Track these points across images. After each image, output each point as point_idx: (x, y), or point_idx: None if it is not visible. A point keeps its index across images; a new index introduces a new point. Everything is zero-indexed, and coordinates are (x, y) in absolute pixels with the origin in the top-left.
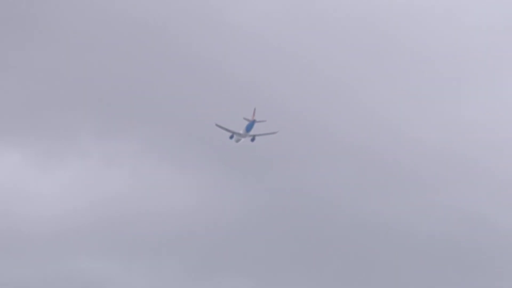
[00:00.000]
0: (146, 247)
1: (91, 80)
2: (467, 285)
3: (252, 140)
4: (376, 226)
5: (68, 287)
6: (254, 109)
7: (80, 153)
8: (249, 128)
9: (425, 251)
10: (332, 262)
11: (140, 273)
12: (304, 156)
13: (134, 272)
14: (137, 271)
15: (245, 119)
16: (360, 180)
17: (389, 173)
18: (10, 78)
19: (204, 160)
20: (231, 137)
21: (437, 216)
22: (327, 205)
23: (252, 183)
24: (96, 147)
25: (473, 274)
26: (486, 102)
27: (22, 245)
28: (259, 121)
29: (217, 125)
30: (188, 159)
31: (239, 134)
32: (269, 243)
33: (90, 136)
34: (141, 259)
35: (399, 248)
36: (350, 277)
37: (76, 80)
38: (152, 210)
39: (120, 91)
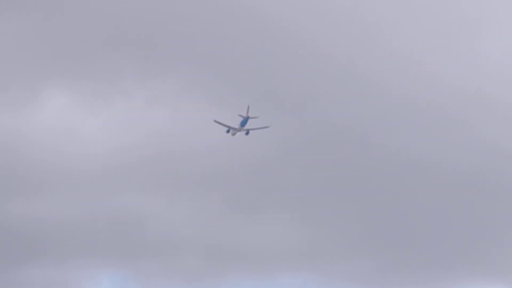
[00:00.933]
0: (188, 183)
1: (135, 21)
2: (496, 217)
3: (247, 133)
4: (405, 159)
5: (113, 223)
6: (248, 106)
7: (124, 94)
8: (243, 123)
9: (451, 184)
10: (363, 195)
11: (182, 208)
12: (336, 96)
13: (177, 207)
14: (179, 207)
15: (240, 115)
16: (388, 116)
17: (416, 110)
18: (56, 21)
19: (241, 98)
20: (228, 131)
21: (464, 150)
22: (358, 140)
23: (288, 119)
24: (139, 88)
25: (499, 207)
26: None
27: (70, 182)
28: (252, 117)
29: (215, 121)
30: (227, 98)
31: (234, 129)
32: (304, 177)
33: (134, 78)
34: (183, 195)
35: (427, 181)
36: (380, 209)
37: (120, 22)
38: (193, 147)
39: (163, 31)
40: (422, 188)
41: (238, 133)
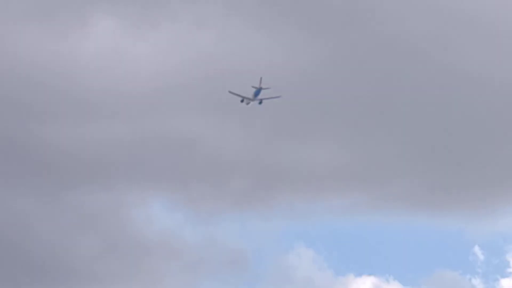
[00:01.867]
0: (235, 105)
1: None
2: None
3: (260, 103)
4: (460, 72)
5: (162, 146)
6: (260, 78)
7: (171, 17)
8: (256, 94)
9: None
10: (416, 112)
11: (230, 129)
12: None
13: (225, 128)
14: (227, 128)
15: (253, 87)
16: (441, 31)
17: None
18: None
19: (287, 19)
20: (242, 101)
21: None
22: (411, 55)
23: (336, 38)
24: (186, 11)
25: None
26: None
27: (120, 105)
28: (265, 88)
29: (230, 92)
30: (272, 19)
31: (248, 99)
32: (354, 93)
33: (180, 0)
34: (231, 116)
35: (483, 96)
36: (432, 126)
37: None
38: (239, 68)
39: None
40: (477, 103)
41: (252, 103)
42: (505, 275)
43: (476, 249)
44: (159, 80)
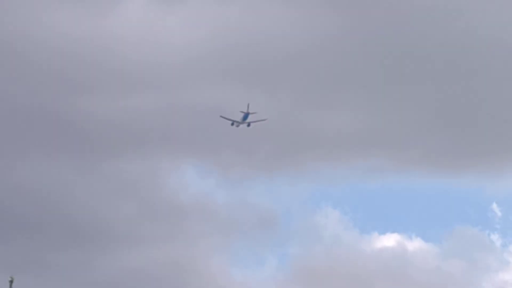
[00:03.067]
0: (262, 73)
1: None
2: None
3: (248, 125)
4: (477, 36)
5: (193, 112)
6: (248, 104)
7: None
8: (245, 117)
9: None
10: (434, 74)
11: (257, 96)
12: None
13: (253, 95)
14: (254, 95)
15: (241, 112)
16: None
17: None
18: None
19: None
20: (232, 124)
21: None
22: (430, 18)
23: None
24: None
25: None
26: None
27: (155, 74)
28: (252, 113)
29: (221, 116)
30: None
31: (238, 122)
32: (375, 58)
33: None
34: (258, 84)
35: (501, 60)
36: (451, 89)
37: None
38: (264, 38)
39: None
40: (496, 67)
41: (241, 125)
42: None
43: (494, 206)
44: (189, 50)
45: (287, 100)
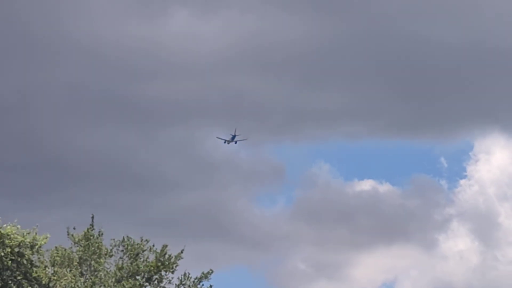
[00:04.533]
0: (274, 68)
1: None
2: None
3: (235, 143)
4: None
5: (221, 96)
6: (235, 129)
7: (225, 5)
8: (233, 138)
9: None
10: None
11: (269, 83)
12: None
13: (266, 82)
14: (268, 82)
15: (231, 134)
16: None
17: None
18: None
19: (311, 6)
20: (224, 142)
21: None
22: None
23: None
24: (235, 0)
25: None
26: None
27: (193, 69)
28: (238, 135)
29: (217, 137)
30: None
31: (228, 141)
32: (357, 62)
33: None
34: (270, 74)
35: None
36: (409, 75)
37: None
38: (273, 41)
39: None
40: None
41: (231, 143)
42: (462, 177)
43: (442, 159)
44: (218, 52)
45: (292, 84)
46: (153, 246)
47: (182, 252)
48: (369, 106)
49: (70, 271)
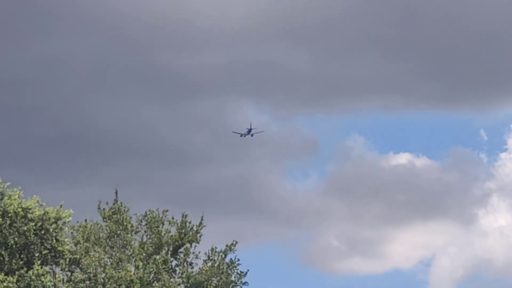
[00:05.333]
0: (306, 35)
1: None
2: None
3: (252, 135)
4: None
5: (252, 66)
6: (250, 123)
7: None
8: (249, 131)
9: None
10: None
11: (300, 52)
12: None
13: (297, 52)
14: (298, 51)
15: (247, 128)
16: None
17: None
18: None
19: None
20: (241, 136)
21: None
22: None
23: None
24: None
25: None
26: None
27: (222, 36)
28: (253, 128)
29: (233, 131)
30: None
31: (244, 134)
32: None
33: None
34: (301, 43)
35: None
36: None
37: None
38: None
39: None
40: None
41: (247, 136)
42: (503, 150)
43: (482, 131)
44: (247, 21)
45: (325, 54)
46: (173, 218)
47: (202, 219)
48: (405, 76)
49: (100, 247)
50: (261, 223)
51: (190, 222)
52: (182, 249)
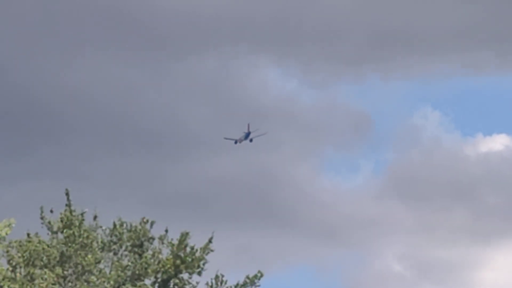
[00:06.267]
0: None
1: None
2: None
3: (251, 141)
4: None
5: (270, 13)
6: (248, 124)
7: None
8: (246, 136)
9: None
10: None
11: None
12: None
13: None
14: None
15: (243, 132)
16: None
17: None
18: None
19: None
20: (235, 142)
21: None
22: None
23: None
24: None
25: None
26: None
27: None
28: (253, 131)
29: (225, 138)
30: None
31: (240, 140)
32: None
33: None
34: None
35: None
36: None
37: None
38: None
39: None
40: None
41: (244, 141)
42: None
43: None
44: None
45: None
46: (166, 233)
47: (210, 241)
48: (501, 25)
49: (52, 272)
50: (287, 237)
51: (193, 248)
52: (175, 279)
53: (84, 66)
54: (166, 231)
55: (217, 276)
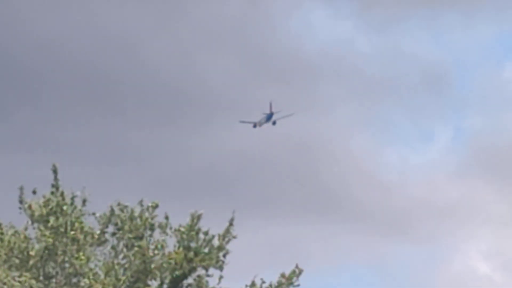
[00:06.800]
0: None
1: None
2: None
3: (274, 123)
4: None
5: None
6: (270, 103)
7: None
8: (268, 118)
9: None
10: None
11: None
12: None
13: None
14: None
15: (264, 113)
16: None
17: None
18: None
19: None
20: (254, 126)
21: None
22: None
23: None
24: None
25: None
26: None
27: None
28: (276, 112)
29: (240, 121)
30: None
31: (260, 122)
32: None
33: None
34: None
35: None
36: None
37: None
38: None
39: None
40: None
41: (265, 125)
42: None
43: None
44: None
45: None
46: (167, 220)
47: (231, 224)
48: None
49: (29, 272)
50: (334, 227)
51: (207, 233)
52: (190, 279)
53: (81, 14)
54: (167, 218)
55: (253, 284)
